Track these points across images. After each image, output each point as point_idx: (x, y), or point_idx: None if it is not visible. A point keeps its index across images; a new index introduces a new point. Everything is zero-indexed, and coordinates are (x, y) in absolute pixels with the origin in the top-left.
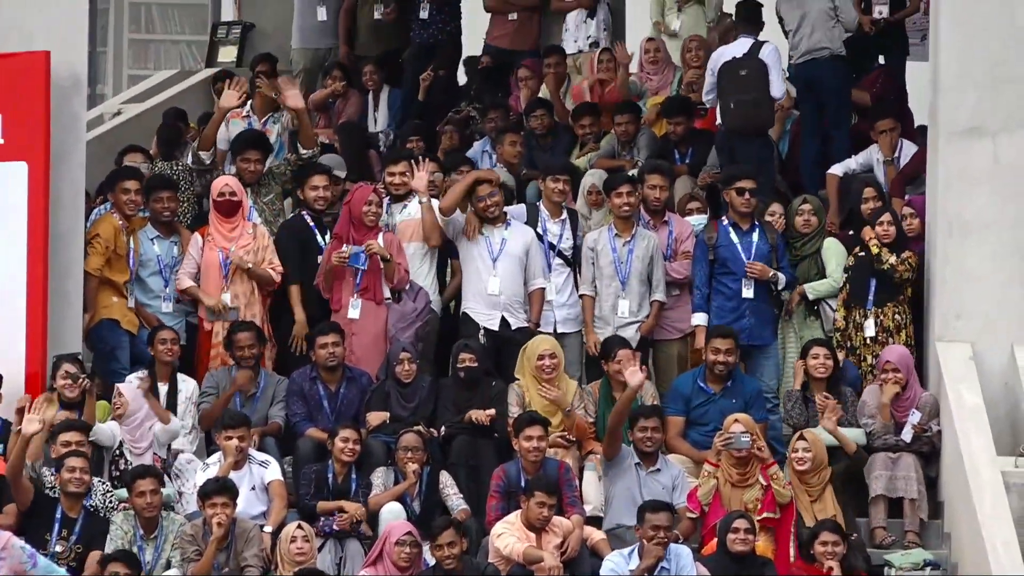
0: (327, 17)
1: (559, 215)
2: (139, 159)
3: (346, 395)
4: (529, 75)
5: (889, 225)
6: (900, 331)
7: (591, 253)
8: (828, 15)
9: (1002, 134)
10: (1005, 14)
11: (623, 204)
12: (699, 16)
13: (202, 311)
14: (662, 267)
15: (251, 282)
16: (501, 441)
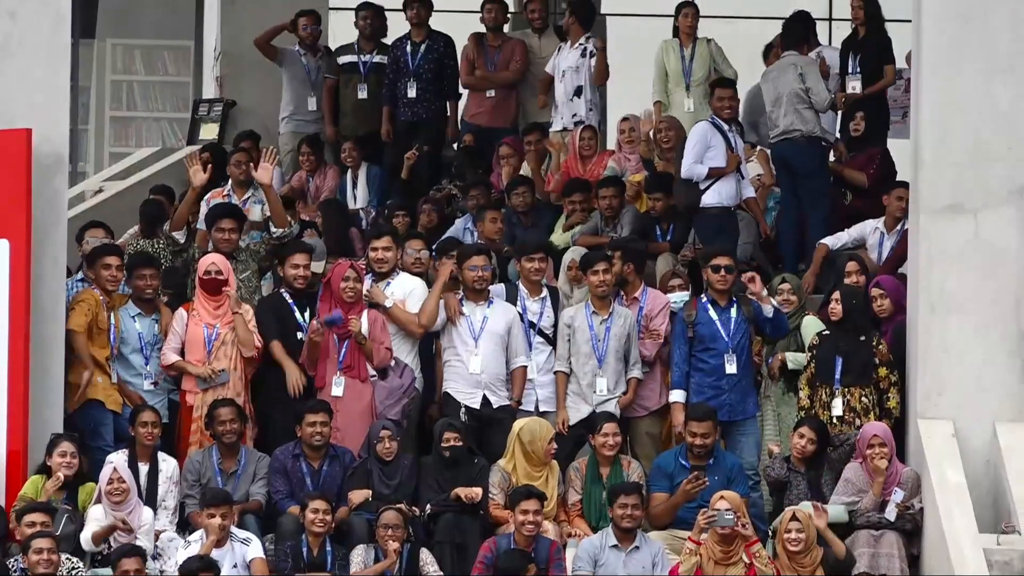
0: (316, 107)
1: (538, 293)
2: (100, 235)
3: (329, 473)
4: (510, 152)
5: (837, 303)
6: (868, 413)
7: (567, 330)
8: (799, 96)
9: (983, 211)
10: (985, 93)
11: (599, 282)
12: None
13: (187, 384)
14: (638, 344)
15: (234, 358)
16: (486, 520)
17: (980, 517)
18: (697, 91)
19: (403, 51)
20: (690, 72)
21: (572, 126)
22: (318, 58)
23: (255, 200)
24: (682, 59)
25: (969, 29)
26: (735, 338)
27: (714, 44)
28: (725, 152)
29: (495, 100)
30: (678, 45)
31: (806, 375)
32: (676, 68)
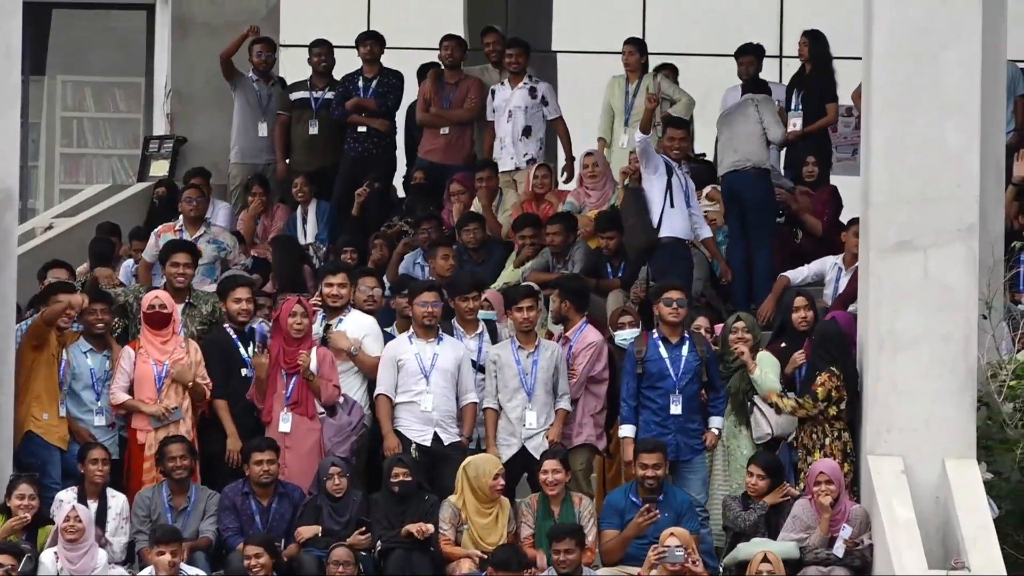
0: (267, 133)
1: (475, 330)
2: (63, 274)
3: (278, 510)
4: (461, 189)
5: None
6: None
7: (494, 367)
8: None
9: (932, 249)
10: (935, 132)
11: (523, 319)
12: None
13: (137, 422)
14: (566, 376)
15: (183, 396)
16: (436, 555)
17: (930, 553)
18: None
19: (355, 86)
20: (631, 107)
21: (524, 165)
22: (270, 85)
23: (207, 238)
24: (626, 95)
25: (919, 69)
26: (683, 378)
27: (662, 76)
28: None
29: (449, 137)
30: (624, 81)
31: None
32: (619, 104)
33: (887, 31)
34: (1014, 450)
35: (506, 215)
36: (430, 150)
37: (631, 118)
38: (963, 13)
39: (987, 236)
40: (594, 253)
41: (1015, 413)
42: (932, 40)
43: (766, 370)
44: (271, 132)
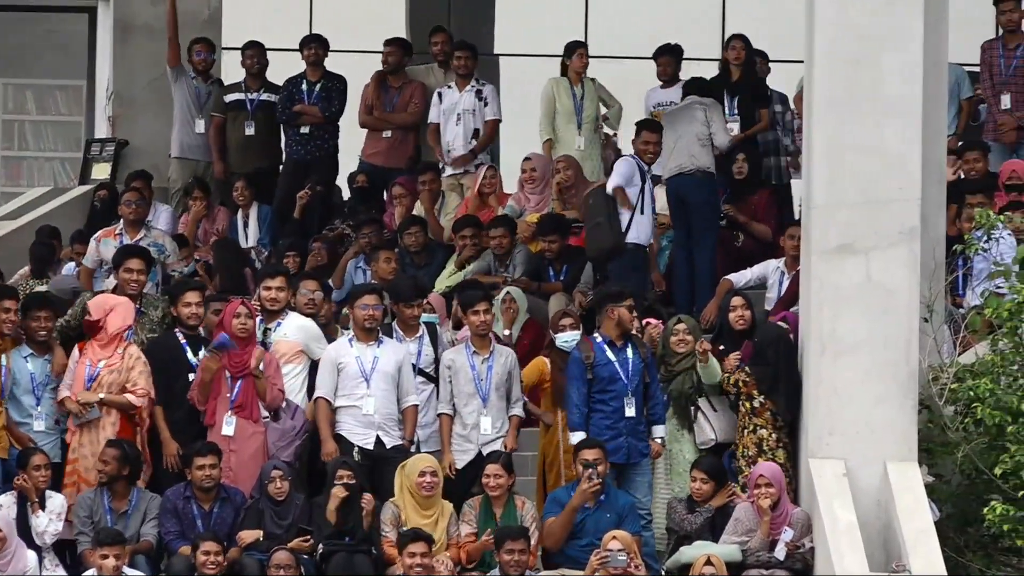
0: (204, 130)
1: (415, 333)
2: None
3: (220, 514)
4: (403, 192)
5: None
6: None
7: (448, 372)
8: (700, 138)
9: (874, 252)
10: (877, 135)
11: (479, 322)
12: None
13: (70, 422)
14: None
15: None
16: (378, 558)
17: (871, 556)
18: (587, 128)
19: (298, 89)
20: (581, 110)
21: (474, 168)
22: (209, 84)
23: (147, 241)
24: (573, 97)
25: (861, 72)
26: (633, 380)
27: (597, 82)
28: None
29: (392, 140)
30: (568, 84)
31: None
32: (568, 106)
33: (829, 35)
34: (955, 453)
35: (448, 218)
36: (373, 153)
37: (583, 120)
38: (904, 17)
39: (929, 239)
40: (535, 256)
41: (956, 416)
42: (873, 44)
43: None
44: (208, 129)
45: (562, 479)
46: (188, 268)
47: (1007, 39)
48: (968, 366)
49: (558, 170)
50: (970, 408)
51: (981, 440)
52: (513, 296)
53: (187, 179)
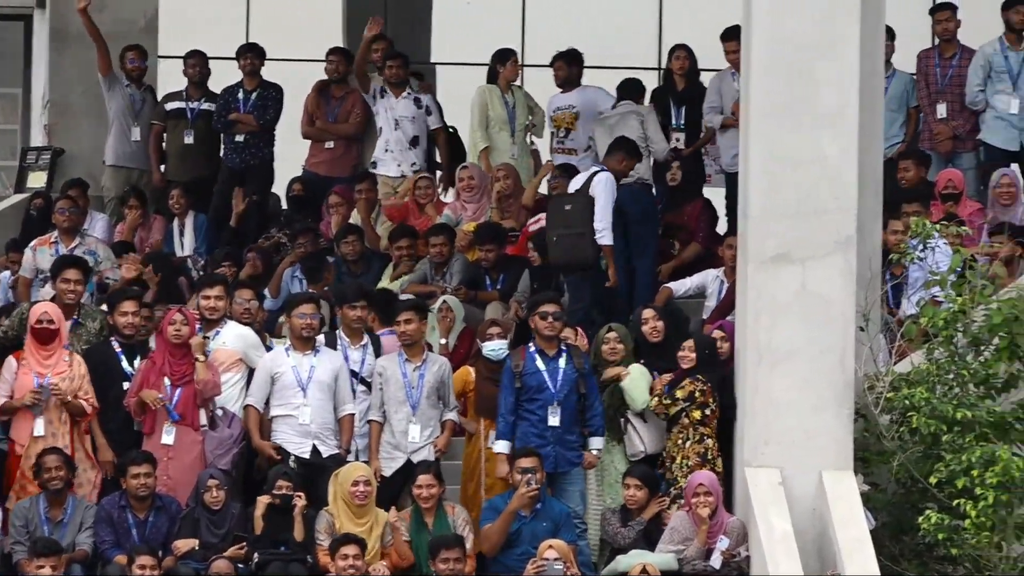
0: (140, 138)
1: (359, 341)
2: None
3: (155, 523)
4: (340, 201)
5: (691, 351)
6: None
7: (380, 379)
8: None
9: (810, 262)
10: (813, 145)
11: (403, 332)
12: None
13: (14, 432)
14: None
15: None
16: (313, 566)
17: (806, 564)
18: (519, 136)
19: (234, 98)
20: (514, 117)
21: (411, 173)
22: (143, 91)
23: (82, 250)
24: (506, 105)
25: (797, 82)
26: (562, 390)
27: (523, 90)
28: None
29: (335, 150)
30: (499, 92)
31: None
32: (501, 114)
33: (765, 45)
34: (890, 462)
35: (385, 227)
36: (316, 162)
37: (516, 127)
38: (840, 27)
39: (865, 249)
40: (473, 265)
41: (892, 425)
42: (809, 54)
43: (637, 381)
44: (144, 138)
45: (482, 488)
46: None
47: (943, 48)
48: (904, 375)
49: (498, 178)
50: (905, 417)
51: (916, 449)
52: (450, 305)
53: (121, 187)
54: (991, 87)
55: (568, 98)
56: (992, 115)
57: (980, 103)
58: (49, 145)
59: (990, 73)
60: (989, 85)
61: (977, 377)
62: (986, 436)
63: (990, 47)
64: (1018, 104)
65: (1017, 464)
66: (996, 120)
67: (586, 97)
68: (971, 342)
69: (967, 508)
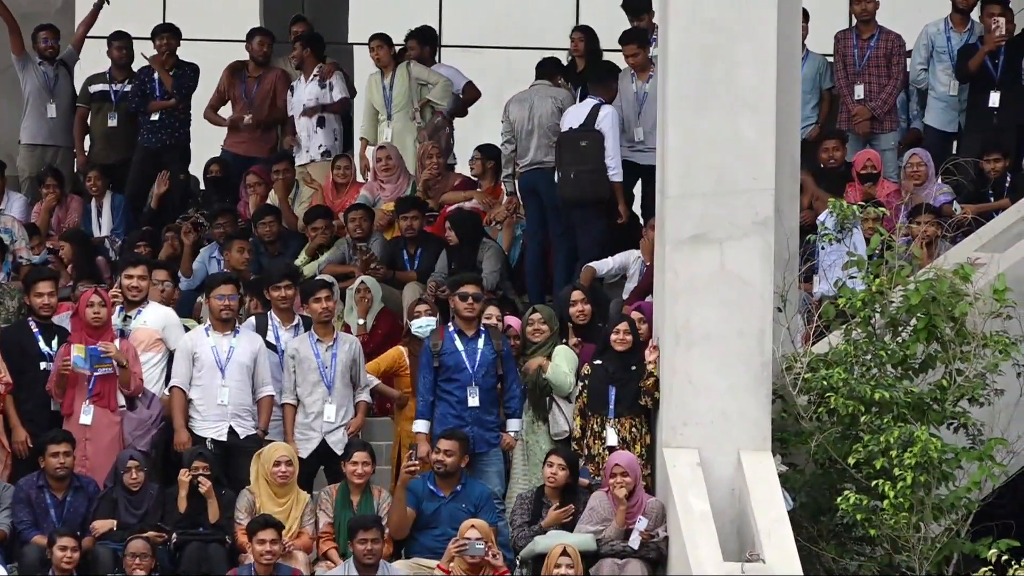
0: (56, 115)
1: (290, 322)
2: None
3: (73, 503)
4: (257, 181)
5: (626, 334)
6: (636, 442)
7: (292, 361)
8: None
9: (728, 242)
10: (730, 126)
11: (321, 309)
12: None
13: None
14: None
15: None
16: (232, 548)
17: (725, 545)
18: (400, 115)
19: (150, 77)
20: (391, 99)
21: (319, 157)
22: (55, 67)
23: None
24: (383, 89)
25: (714, 64)
26: (480, 370)
27: (414, 64)
28: None
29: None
30: (380, 77)
31: (578, 404)
32: (379, 99)
33: (682, 26)
34: (809, 443)
35: (302, 206)
36: (234, 142)
37: (392, 111)
38: (757, 9)
39: (783, 229)
40: (390, 244)
41: (810, 406)
42: (726, 36)
43: (559, 364)
44: (61, 113)
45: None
46: (40, 257)
47: (861, 29)
48: (822, 356)
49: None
50: (824, 398)
51: (834, 430)
52: (367, 286)
53: (37, 167)
54: (932, 68)
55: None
56: (932, 96)
57: (923, 82)
58: None
59: (932, 53)
60: (930, 65)
61: (895, 358)
62: (904, 417)
63: (934, 27)
64: (957, 85)
65: (935, 445)
66: (936, 101)
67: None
68: (889, 323)
69: (885, 489)
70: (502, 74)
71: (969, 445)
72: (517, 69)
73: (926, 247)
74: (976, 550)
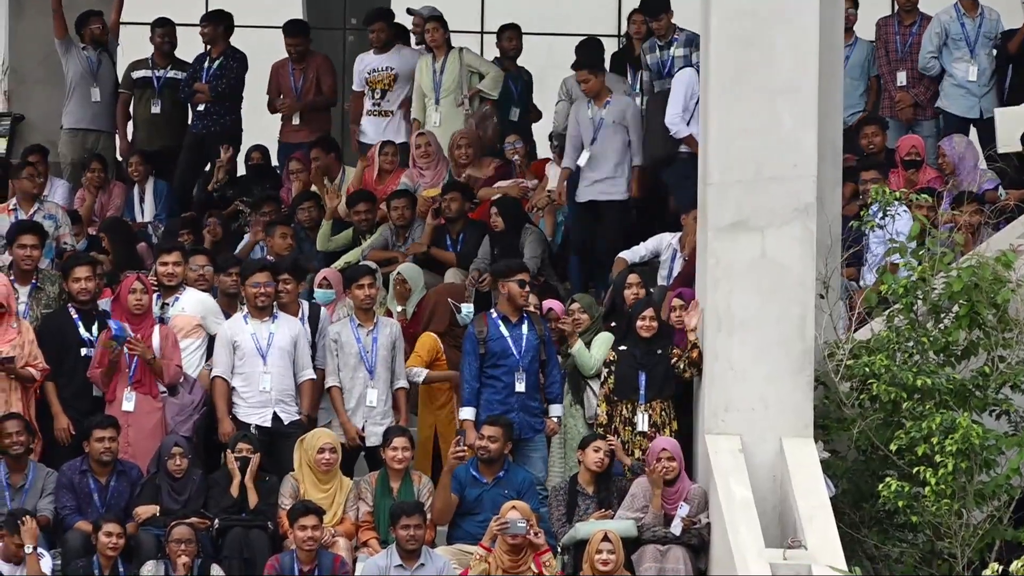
0: (100, 98)
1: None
2: None
3: (116, 488)
4: (300, 168)
5: (652, 320)
6: (665, 426)
7: (334, 345)
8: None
9: (769, 229)
10: (770, 114)
11: (364, 296)
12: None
13: None
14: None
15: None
16: (274, 533)
17: (766, 532)
18: (447, 100)
19: (200, 66)
20: (440, 84)
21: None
22: (99, 53)
23: (44, 215)
24: (433, 72)
25: (752, 54)
26: (526, 356)
27: (467, 51)
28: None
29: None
30: (431, 60)
31: (604, 391)
32: (428, 83)
33: (723, 15)
34: (851, 429)
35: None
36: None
37: (441, 93)
38: None
39: (824, 216)
40: (433, 230)
41: (852, 392)
42: (767, 24)
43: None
44: (105, 98)
45: None
46: (82, 244)
47: (902, 17)
48: (864, 342)
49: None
50: (866, 384)
51: (876, 416)
52: (404, 276)
53: (78, 152)
54: (948, 55)
55: (385, 59)
56: (950, 83)
57: (932, 69)
58: (8, 111)
59: (947, 40)
60: (946, 53)
61: (937, 345)
62: (946, 403)
63: (946, 14)
64: (976, 71)
65: (976, 431)
66: (954, 88)
67: (403, 59)
68: (931, 310)
69: (927, 475)
70: (543, 60)
71: (1011, 432)
72: (558, 53)
73: (971, 234)
74: (1018, 537)
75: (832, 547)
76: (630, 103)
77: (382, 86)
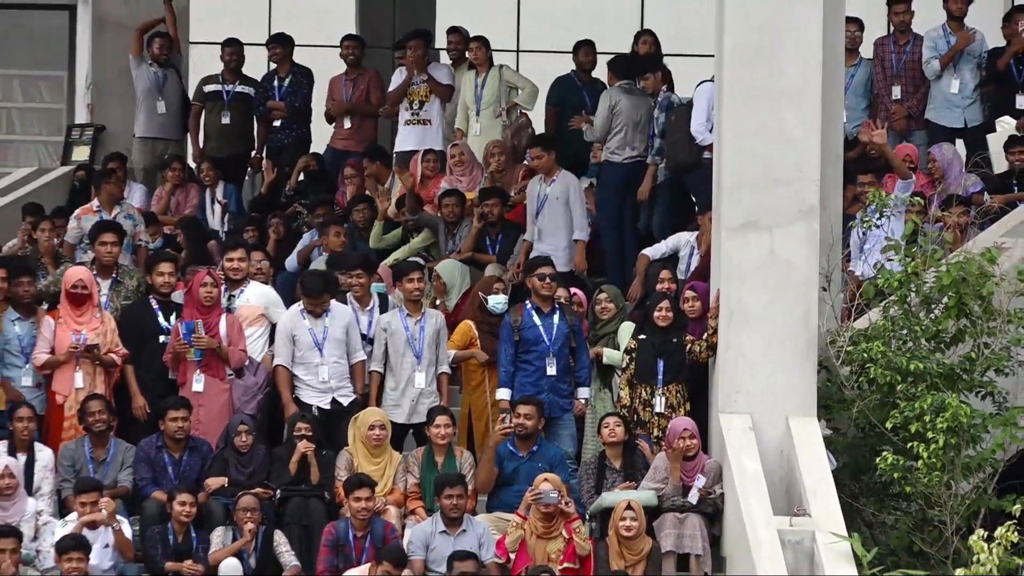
0: (166, 111)
1: (367, 304)
2: None
3: (188, 462)
4: (353, 173)
5: (667, 311)
6: (679, 407)
7: (384, 334)
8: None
9: (776, 229)
10: (777, 121)
11: (414, 289)
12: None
13: (55, 385)
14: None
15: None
16: (331, 503)
17: (774, 501)
18: (486, 112)
19: (271, 85)
20: (481, 97)
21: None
22: (166, 70)
23: (124, 215)
24: (475, 87)
25: (763, 63)
26: (556, 342)
27: (506, 68)
28: None
29: (352, 128)
30: (474, 75)
31: (626, 376)
32: (470, 96)
33: (734, 29)
34: (850, 409)
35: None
36: (336, 139)
37: (482, 106)
38: (803, 12)
39: (827, 216)
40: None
41: (851, 376)
42: (774, 37)
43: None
44: (171, 110)
45: (490, 431)
46: (157, 243)
47: (898, 37)
48: (862, 331)
49: (492, 154)
50: (864, 368)
51: (874, 397)
52: (439, 273)
53: (149, 159)
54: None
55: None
56: (937, 95)
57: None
58: (91, 122)
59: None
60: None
61: (928, 332)
62: (936, 386)
63: (935, 32)
64: (958, 84)
65: (964, 411)
66: (941, 100)
67: (438, 72)
68: (923, 301)
69: (919, 450)
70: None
71: (995, 411)
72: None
73: (959, 233)
74: (1001, 505)
75: (834, 515)
76: (573, 180)
77: (420, 97)
